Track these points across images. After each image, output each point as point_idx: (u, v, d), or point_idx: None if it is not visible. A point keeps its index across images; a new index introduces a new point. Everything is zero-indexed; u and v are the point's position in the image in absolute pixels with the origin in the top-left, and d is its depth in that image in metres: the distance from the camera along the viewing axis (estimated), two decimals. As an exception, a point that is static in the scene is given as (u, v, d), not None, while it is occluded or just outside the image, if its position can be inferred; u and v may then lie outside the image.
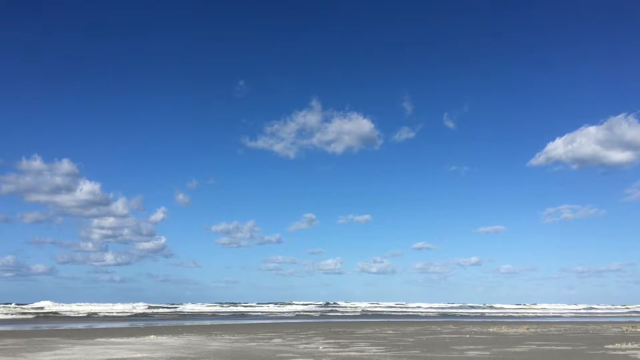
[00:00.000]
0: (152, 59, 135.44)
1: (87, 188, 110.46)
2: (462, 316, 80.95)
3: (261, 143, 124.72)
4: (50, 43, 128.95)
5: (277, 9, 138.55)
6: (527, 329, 34.70)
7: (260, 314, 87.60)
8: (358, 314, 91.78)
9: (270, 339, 26.65)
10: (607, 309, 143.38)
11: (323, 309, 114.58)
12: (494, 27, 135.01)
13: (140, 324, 49.16)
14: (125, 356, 18.04)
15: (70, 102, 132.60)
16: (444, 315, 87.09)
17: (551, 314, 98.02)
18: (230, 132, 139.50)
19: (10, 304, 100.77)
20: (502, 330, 32.76)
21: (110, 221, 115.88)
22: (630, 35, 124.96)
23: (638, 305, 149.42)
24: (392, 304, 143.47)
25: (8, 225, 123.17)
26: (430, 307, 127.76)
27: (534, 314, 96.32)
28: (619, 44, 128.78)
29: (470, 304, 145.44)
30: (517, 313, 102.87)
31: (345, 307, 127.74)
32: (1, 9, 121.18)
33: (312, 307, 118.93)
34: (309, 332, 32.48)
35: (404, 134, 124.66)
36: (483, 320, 62.50)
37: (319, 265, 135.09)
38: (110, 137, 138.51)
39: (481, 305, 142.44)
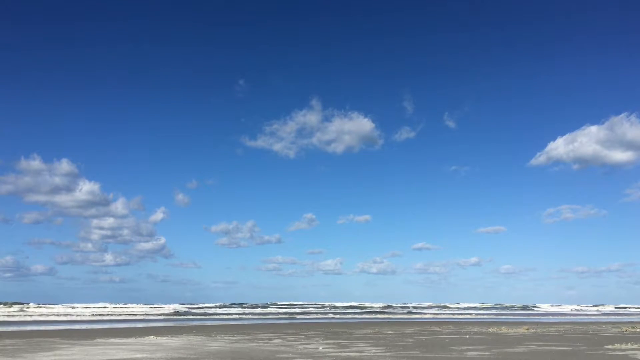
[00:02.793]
0: (152, 59, 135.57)
1: (86, 188, 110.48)
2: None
3: (261, 142, 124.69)
4: (50, 43, 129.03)
5: (277, 8, 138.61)
6: (527, 329, 34.70)
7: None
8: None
9: (270, 339, 26.64)
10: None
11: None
12: (494, 27, 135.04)
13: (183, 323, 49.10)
14: (125, 357, 18.02)
15: (70, 102, 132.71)
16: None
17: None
18: (229, 132, 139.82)
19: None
20: (502, 331, 32.75)
21: (109, 221, 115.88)
22: (631, 35, 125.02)
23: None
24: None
25: (7, 226, 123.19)
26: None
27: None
28: (620, 43, 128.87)
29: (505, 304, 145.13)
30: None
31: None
32: (1, 9, 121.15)
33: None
34: (309, 333, 32.47)
35: (405, 133, 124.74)
36: (483, 320, 62.48)
37: (319, 266, 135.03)
38: (110, 137, 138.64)
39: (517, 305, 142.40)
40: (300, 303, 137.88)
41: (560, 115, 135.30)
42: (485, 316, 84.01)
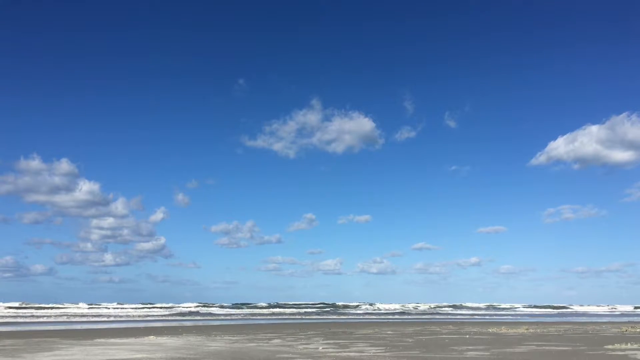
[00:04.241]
0: (152, 58, 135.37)
1: (86, 188, 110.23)
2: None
3: (261, 142, 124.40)
4: (50, 42, 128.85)
5: (277, 7, 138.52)
6: (527, 329, 34.69)
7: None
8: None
9: (270, 339, 26.63)
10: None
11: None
12: (495, 26, 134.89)
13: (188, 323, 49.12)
14: (125, 357, 18.02)
15: (69, 102, 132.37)
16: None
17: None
18: (229, 131, 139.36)
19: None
20: (502, 331, 32.75)
21: (109, 221, 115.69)
22: (633, 34, 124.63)
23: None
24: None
25: (7, 226, 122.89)
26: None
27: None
28: (621, 42, 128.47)
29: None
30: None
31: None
32: (1, 8, 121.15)
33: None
34: (309, 333, 32.47)
35: (405, 133, 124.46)
36: (483, 320, 62.49)
37: (319, 266, 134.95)
38: (110, 137, 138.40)
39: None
40: (305, 303, 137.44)
41: (560, 114, 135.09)
42: (519, 316, 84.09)
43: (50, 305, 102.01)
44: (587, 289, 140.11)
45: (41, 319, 61.74)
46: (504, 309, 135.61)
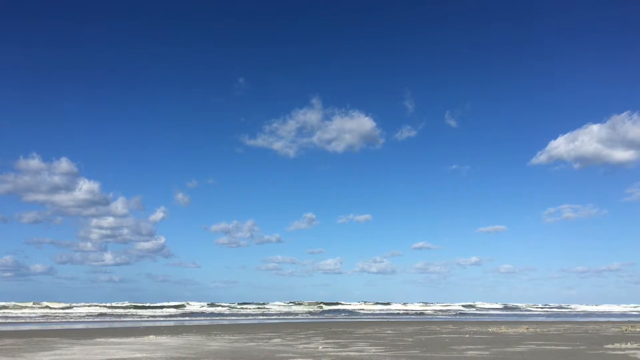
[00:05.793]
0: (151, 57, 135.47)
1: (86, 187, 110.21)
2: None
3: (261, 141, 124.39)
4: (49, 42, 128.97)
5: (277, 6, 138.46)
6: (527, 328, 34.70)
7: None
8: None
9: (270, 339, 26.64)
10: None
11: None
12: (495, 26, 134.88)
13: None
14: (124, 356, 18.02)
15: (69, 101, 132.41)
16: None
17: None
18: (229, 131, 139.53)
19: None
20: (502, 330, 32.75)
21: (109, 221, 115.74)
22: (633, 33, 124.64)
23: None
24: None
25: (6, 225, 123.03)
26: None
27: None
28: (622, 41, 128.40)
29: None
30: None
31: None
32: (0, 8, 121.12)
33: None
34: (309, 332, 32.48)
35: (406, 132, 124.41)
36: (483, 320, 62.49)
37: (319, 265, 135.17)
38: (110, 136, 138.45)
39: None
40: (305, 302, 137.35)
41: (561, 113, 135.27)
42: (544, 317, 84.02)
43: (50, 305, 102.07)
44: (587, 289, 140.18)
45: (41, 319, 61.76)
46: (520, 308, 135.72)
